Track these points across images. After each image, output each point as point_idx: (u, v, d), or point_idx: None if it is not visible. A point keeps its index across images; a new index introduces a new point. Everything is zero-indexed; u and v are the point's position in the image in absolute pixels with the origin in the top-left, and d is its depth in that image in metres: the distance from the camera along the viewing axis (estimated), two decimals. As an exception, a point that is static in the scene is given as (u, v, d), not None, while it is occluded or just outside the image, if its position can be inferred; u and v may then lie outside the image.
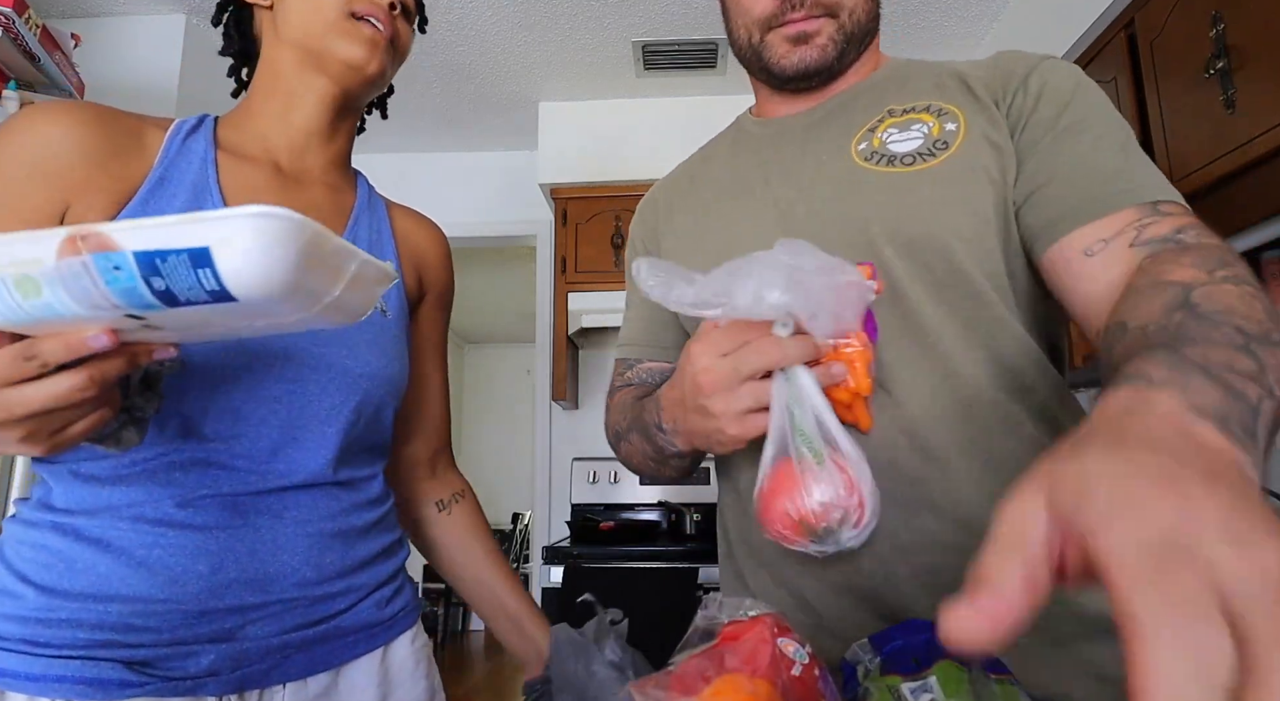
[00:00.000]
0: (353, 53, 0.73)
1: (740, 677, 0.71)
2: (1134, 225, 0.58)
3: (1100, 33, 1.86)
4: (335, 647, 0.70)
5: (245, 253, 0.37)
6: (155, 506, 0.62)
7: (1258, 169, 1.39)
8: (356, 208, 0.82)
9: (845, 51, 0.76)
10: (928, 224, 0.65)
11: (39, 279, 0.39)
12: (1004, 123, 0.66)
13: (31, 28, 1.59)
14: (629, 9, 2.31)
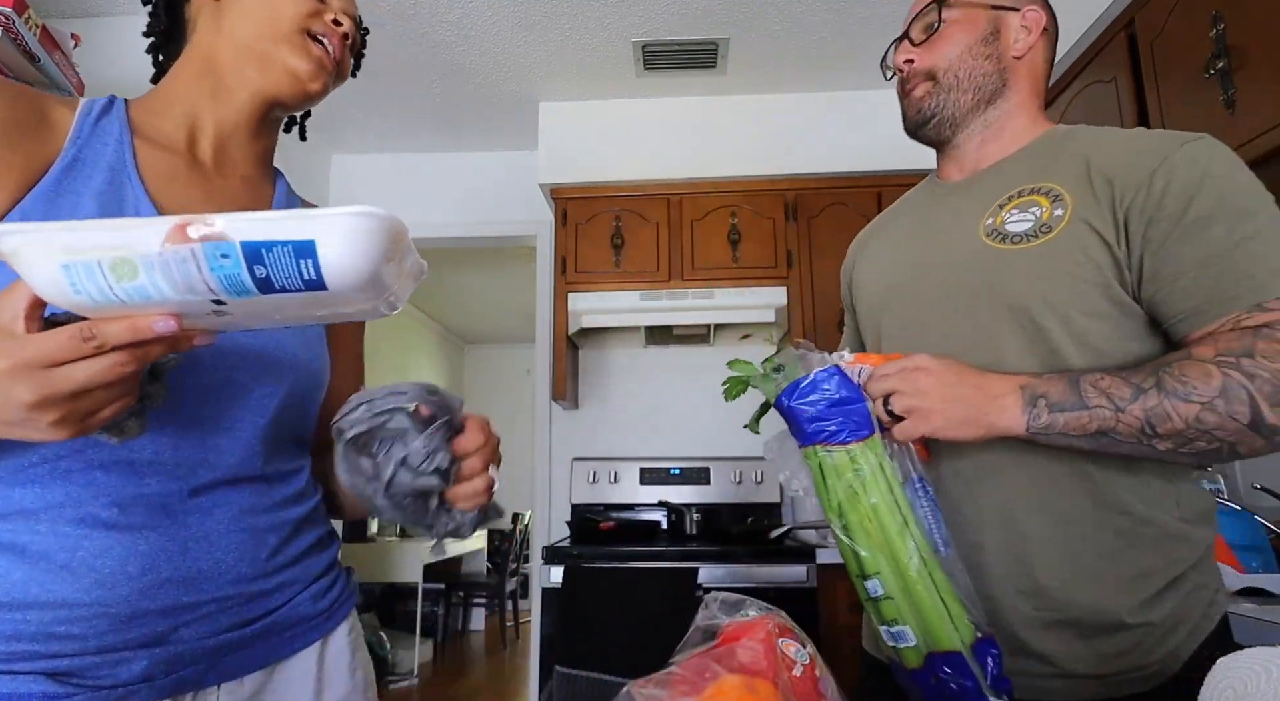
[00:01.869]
0: (302, 67, 0.73)
1: (741, 678, 0.71)
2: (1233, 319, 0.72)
3: (1100, 33, 1.86)
4: (272, 644, 0.68)
5: (344, 245, 0.42)
6: (78, 507, 0.59)
7: (1258, 169, 1.38)
8: (275, 204, 0.82)
9: (945, 106, 0.91)
10: (1023, 292, 0.81)
11: (138, 263, 0.41)
12: (1114, 215, 0.78)
13: (31, 28, 1.58)
14: (629, 9, 2.31)
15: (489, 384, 7.00)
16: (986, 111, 0.91)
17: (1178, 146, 0.77)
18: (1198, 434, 0.69)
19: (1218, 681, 0.71)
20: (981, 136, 0.92)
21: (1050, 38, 0.94)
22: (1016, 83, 0.91)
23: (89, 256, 0.41)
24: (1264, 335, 0.69)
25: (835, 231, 2.71)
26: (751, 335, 2.89)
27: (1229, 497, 1.69)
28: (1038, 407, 0.72)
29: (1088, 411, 0.71)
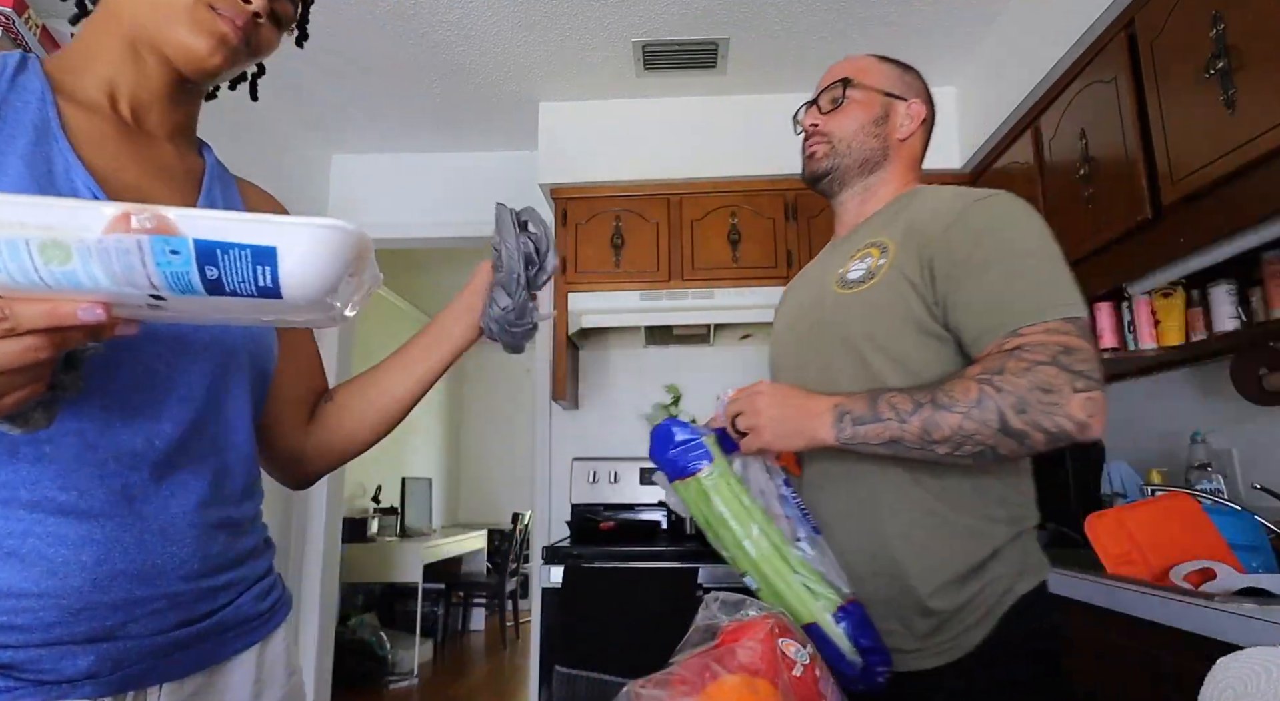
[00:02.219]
0: (194, 43, 0.68)
1: (741, 677, 0.71)
2: (1002, 339, 0.88)
3: (1100, 33, 1.86)
4: (215, 644, 0.67)
5: (306, 256, 0.40)
6: (31, 489, 0.56)
7: (1258, 169, 1.39)
8: (208, 175, 0.78)
9: (836, 168, 1.10)
10: (857, 326, 1.00)
11: (72, 247, 0.38)
12: (919, 262, 0.95)
13: (31, 27, 1.58)
14: (629, 9, 2.31)
15: (489, 384, 7.00)
16: (867, 178, 1.11)
17: (971, 203, 0.96)
18: (963, 439, 0.84)
19: (1218, 681, 0.71)
20: (860, 198, 1.12)
21: (928, 127, 1.14)
22: (895, 158, 1.11)
23: (15, 233, 0.38)
24: (1015, 355, 0.85)
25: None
26: (752, 335, 2.89)
27: (1229, 497, 1.69)
28: (844, 422, 0.89)
29: (881, 423, 0.87)
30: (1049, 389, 0.81)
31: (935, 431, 0.84)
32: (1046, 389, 0.81)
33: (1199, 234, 1.55)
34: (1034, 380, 0.82)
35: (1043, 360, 0.83)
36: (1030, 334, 0.85)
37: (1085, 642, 1.46)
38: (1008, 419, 0.82)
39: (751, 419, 0.93)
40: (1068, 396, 0.81)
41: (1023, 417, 0.82)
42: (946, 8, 2.32)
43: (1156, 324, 1.87)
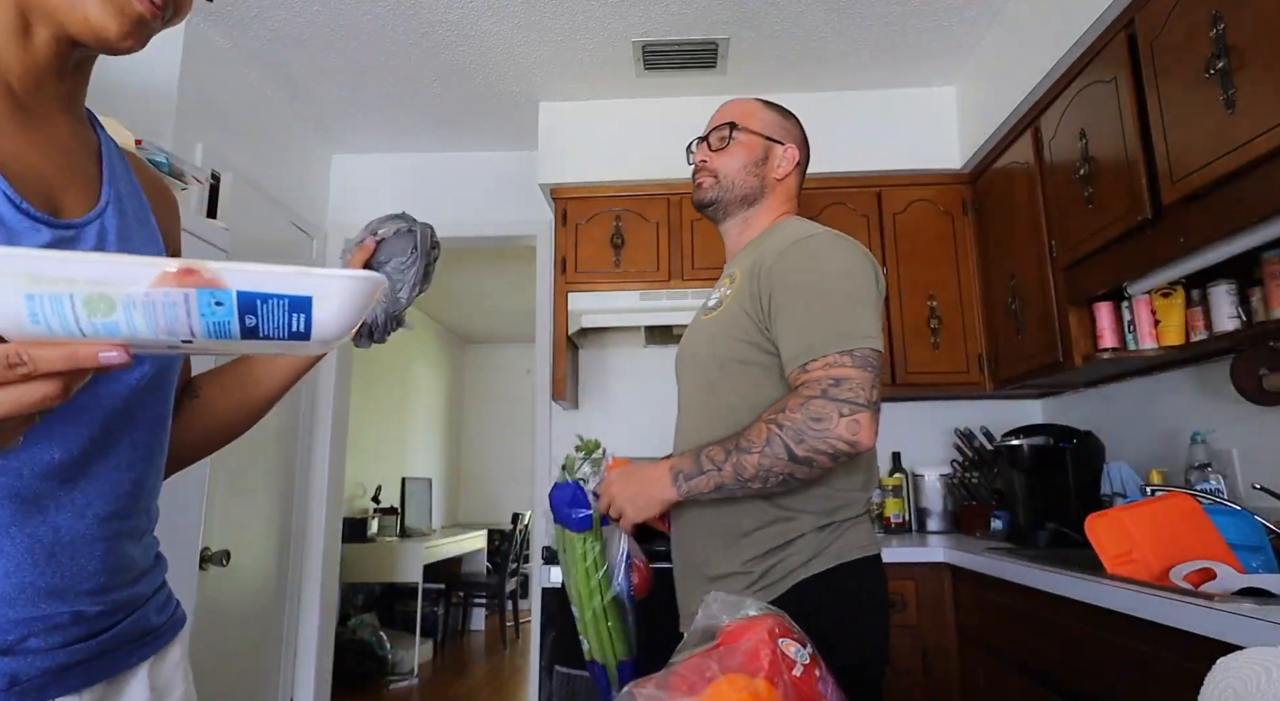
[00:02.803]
0: (106, 24, 0.61)
1: (741, 677, 0.71)
2: (796, 372, 1.07)
3: (1100, 33, 1.86)
4: (117, 657, 0.65)
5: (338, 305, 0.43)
6: None
7: (1258, 169, 1.39)
8: (105, 150, 0.73)
9: (720, 200, 1.27)
10: (707, 346, 1.20)
11: (117, 301, 0.39)
12: (753, 293, 1.13)
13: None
14: (629, 9, 2.31)
15: (489, 384, 7.00)
16: (747, 210, 1.27)
17: (791, 244, 1.12)
18: (766, 473, 1.02)
19: (1218, 681, 0.71)
20: (740, 228, 1.28)
21: (802, 168, 1.32)
22: (772, 194, 1.27)
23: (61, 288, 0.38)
24: (797, 393, 1.02)
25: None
26: (751, 335, 2.90)
27: (1229, 497, 1.69)
28: (679, 481, 1.08)
29: (704, 475, 1.06)
30: (819, 418, 0.99)
31: (743, 472, 1.03)
32: (817, 418, 0.99)
33: (1199, 234, 1.55)
34: (807, 413, 1.00)
35: (814, 394, 1.01)
36: (812, 369, 1.03)
37: (1085, 642, 1.46)
38: (792, 449, 1.00)
39: (615, 506, 1.14)
40: (835, 421, 0.99)
41: (803, 446, 0.99)
42: (946, 8, 2.32)
43: (1156, 324, 1.87)
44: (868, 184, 2.74)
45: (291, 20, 2.31)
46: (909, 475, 2.79)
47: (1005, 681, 1.80)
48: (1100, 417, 2.44)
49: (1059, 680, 1.56)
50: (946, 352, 2.60)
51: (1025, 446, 2.29)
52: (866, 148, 2.74)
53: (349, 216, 3.23)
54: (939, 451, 2.86)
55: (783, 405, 1.03)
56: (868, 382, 1.01)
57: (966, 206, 2.69)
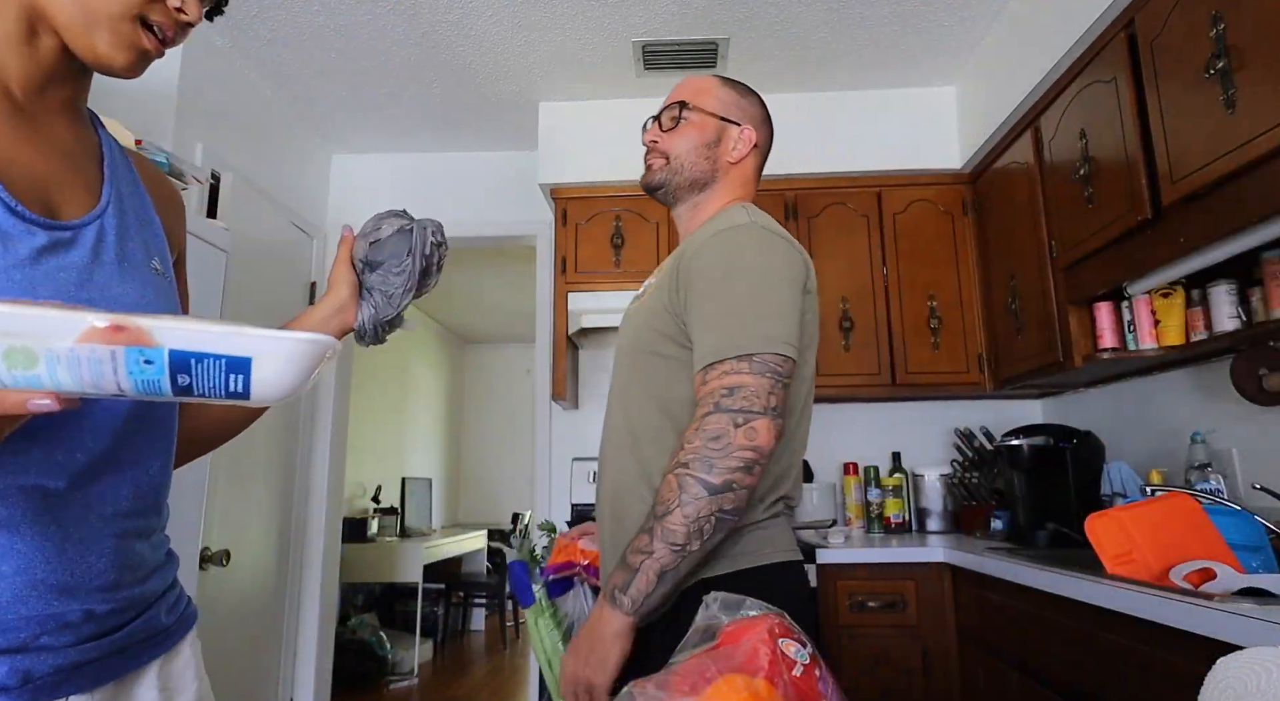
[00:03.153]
0: (115, 57, 0.65)
1: (741, 677, 0.71)
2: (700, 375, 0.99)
3: (1100, 33, 1.86)
4: (127, 656, 0.66)
5: (280, 367, 0.42)
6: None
7: (1258, 169, 1.39)
8: (106, 151, 0.73)
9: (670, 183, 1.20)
10: (631, 336, 1.14)
11: (39, 354, 0.38)
12: (672, 284, 1.06)
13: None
14: (629, 9, 2.31)
15: (489, 384, 7.00)
16: (697, 195, 1.20)
17: (712, 235, 1.05)
18: (698, 524, 0.91)
19: (1218, 681, 0.71)
20: (691, 213, 1.21)
21: (760, 151, 1.23)
22: (725, 180, 1.20)
23: None
24: (695, 419, 0.95)
25: (835, 231, 2.71)
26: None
27: (1229, 497, 1.69)
28: (619, 600, 0.93)
29: (641, 573, 0.92)
30: (717, 436, 0.92)
31: (675, 538, 0.90)
32: (716, 437, 0.92)
33: (1199, 234, 1.55)
34: (705, 436, 0.93)
35: (708, 410, 0.94)
36: (710, 378, 0.96)
37: (1085, 642, 1.46)
38: (708, 481, 0.91)
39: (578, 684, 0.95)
40: (732, 434, 0.92)
41: (714, 472, 0.91)
42: (946, 8, 2.32)
43: (1156, 324, 1.87)
44: (868, 184, 2.74)
45: (291, 20, 2.31)
46: (909, 475, 2.79)
47: (1005, 681, 1.80)
48: (1100, 417, 2.44)
49: (1059, 680, 1.56)
50: (946, 352, 2.60)
51: (1025, 446, 2.29)
52: (866, 148, 2.74)
53: (349, 216, 3.23)
54: (939, 451, 2.86)
55: (681, 442, 0.95)
56: (764, 389, 0.94)
57: (966, 206, 2.69)
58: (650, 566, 0.91)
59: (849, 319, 2.65)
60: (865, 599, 2.15)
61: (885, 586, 2.15)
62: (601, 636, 0.93)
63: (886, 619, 2.13)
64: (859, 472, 2.78)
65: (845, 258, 2.69)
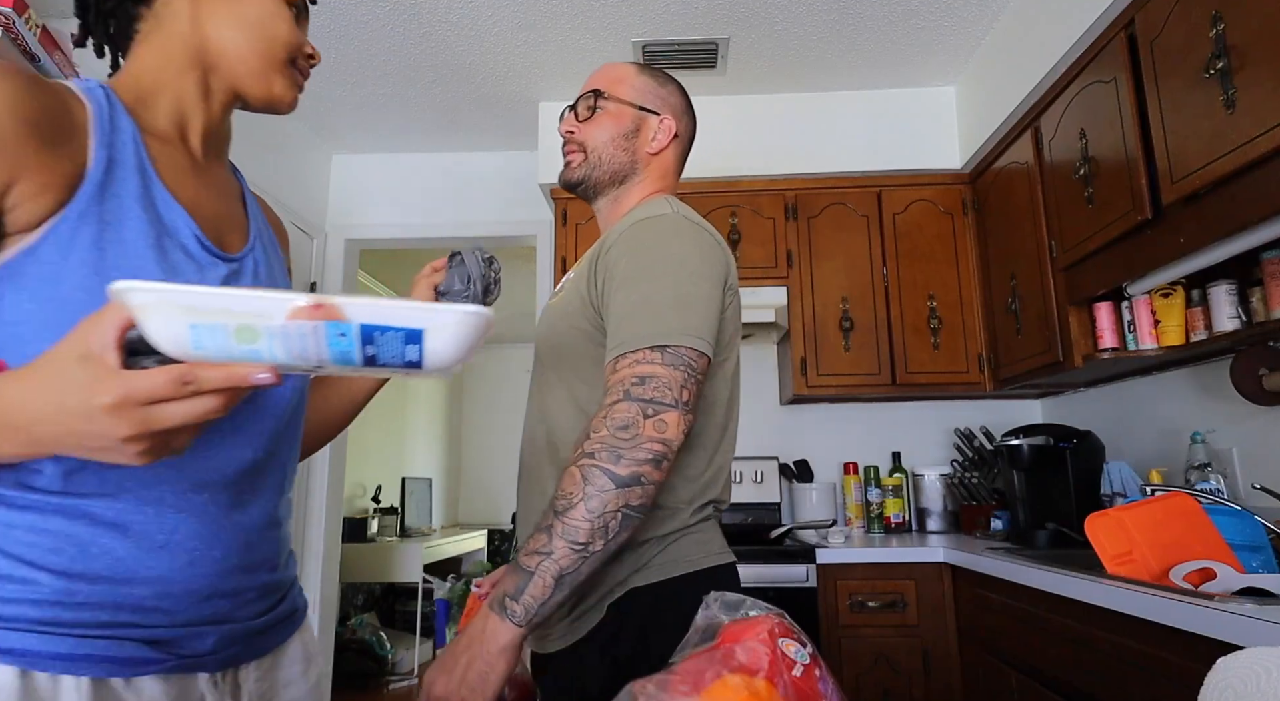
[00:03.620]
0: (287, 95, 0.80)
1: (741, 678, 0.71)
2: (611, 364, 0.93)
3: (1100, 33, 1.86)
4: (280, 629, 0.78)
5: (448, 338, 0.48)
6: (175, 490, 0.65)
7: (1258, 169, 1.39)
8: (245, 194, 0.84)
9: (589, 178, 1.14)
10: (547, 334, 1.09)
11: (260, 330, 0.46)
12: (589, 275, 1.02)
13: (31, 28, 1.58)
14: (629, 9, 2.31)
15: (489, 384, 6.99)
16: (617, 189, 1.15)
17: (631, 224, 1.01)
18: (603, 520, 0.83)
19: (1218, 681, 0.71)
20: (611, 207, 1.16)
21: (682, 142, 1.19)
22: (645, 172, 1.15)
23: (217, 319, 0.46)
24: (602, 408, 0.88)
25: (835, 231, 2.71)
26: (752, 335, 2.89)
27: (1229, 497, 1.69)
28: (509, 609, 0.82)
29: (535, 575, 0.82)
30: (625, 425, 0.86)
31: (577, 536, 0.82)
32: (624, 426, 0.85)
33: (1199, 234, 1.55)
34: (612, 424, 0.86)
35: (617, 398, 0.88)
36: (621, 367, 0.91)
37: (1085, 642, 1.46)
38: (614, 471, 0.83)
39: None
40: (641, 424, 0.86)
41: (623, 462, 0.84)
42: (946, 8, 2.32)
43: (1156, 324, 1.87)
44: (868, 184, 2.74)
45: (291, 20, 2.31)
46: (909, 475, 2.79)
47: (1005, 681, 1.80)
48: (1100, 417, 2.44)
49: (1059, 680, 1.56)
50: (946, 352, 2.60)
51: (1025, 446, 2.29)
52: (866, 148, 2.74)
53: (349, 217, 3.23)
54: (939, 451, 2.86)
55: (586, 431, 0.88)
56: (677, 382, 0.88)
57: (966, 206, 2.69)
58: (548, 569, 0.82)
59: (849, 319, 2.65)
60: (865, 599, 2.15)
61: (885, 586, 2.15)
62: (484, 650, 0.82)
63: (886, 619, 2.13)
64: (859, 472, 2.78)
65: (845, 258, 2.69)
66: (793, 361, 2.64)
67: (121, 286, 0.45)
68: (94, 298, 0.58)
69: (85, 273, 0.60)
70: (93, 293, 0.59)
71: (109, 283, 0.48)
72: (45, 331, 0.57)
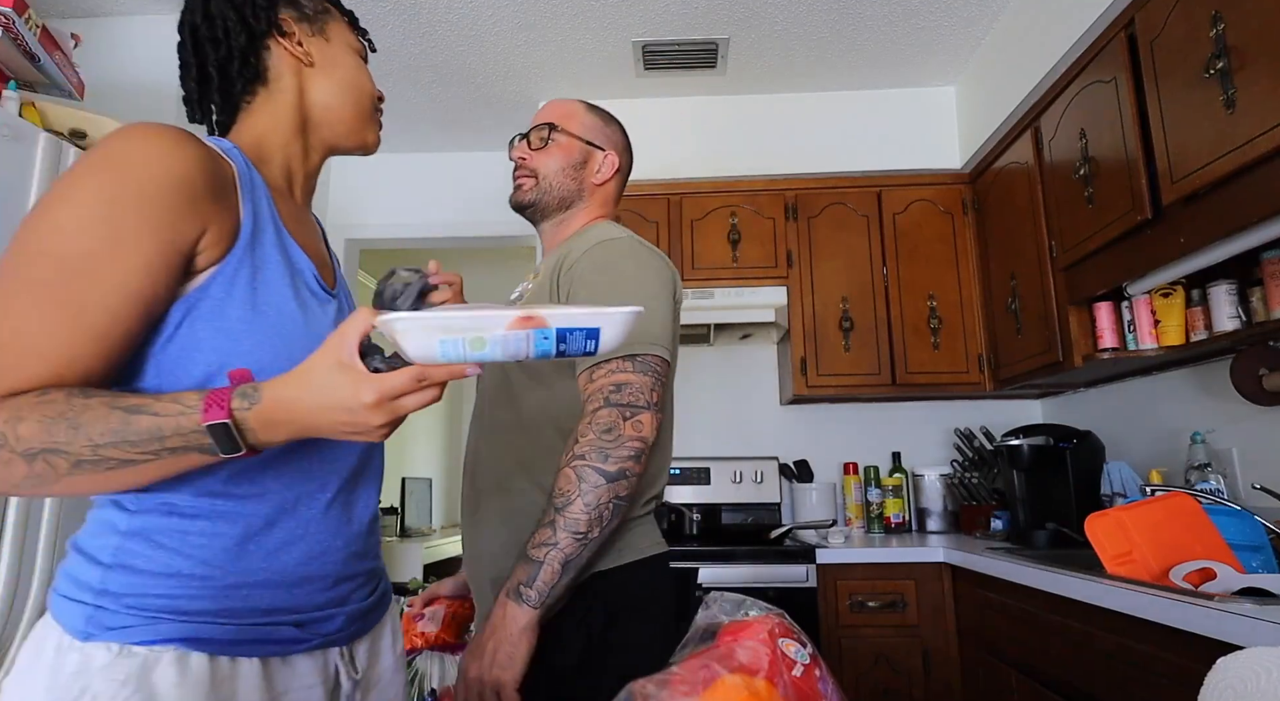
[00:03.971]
0: (374, 140, 0.94)
1: (741, 678, 0.71)
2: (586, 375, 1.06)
3: (1100, 33, 1.86)
4: (379, 609, 0.88)
5: (616, 331, 0.64)
6: (306, 491, 0.77)
7: (1258, 169, 1.39)
8: (323, 230, 0.97)
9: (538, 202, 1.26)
10: None
11: (487, 339, 0.60)
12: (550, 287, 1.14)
13: (31, 28, 1.58)
14: (629, 9, 2.31)
15: (489, 384, 6.99)
16: (564, 213, 1.27)
17: (593, 245, 1.13)
18: (598, 511, 0.97)
19: (1218, 681, 0.71)
20: (556, 229, 1.28)
21: (622, 175, 1.32)
22: (590, 199, 1.28)
23: (459, 335, 0.60)
24: (585, 415, 1.02)
25: (835, 231, 2.71)
26: (752, 335, 2.89)
27: (1229, 497, 1.69)
28: (523, 594, 0.96)
29: (545, 565, 0.96)
30: (609, 428, 1.00)
31: (578, 527, 0.97)
32: (608, 428, 1.00)
33: (1199, 234, 1.55)
34: (598, 428, 1.00)
35: (599, 405, 1.01)
36: (598, 376, 1.04)
37: (1085, 642, 1.46)
38: (604, 468, 0.98)
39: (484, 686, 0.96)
40: (622, 426, 1.00)
41: (611, 460, 0.98)
42: (946, 8, 2.32)
43: (1156, 324, 1.87)
44: (868, 184, 2.74)
45: (291, 20, 2.31)
46: (909, 475, 2.79)
47: (1005, 681, 1.80)
48: (1100, 417, 2.44)
49: (1059, 680, 1.56)
50: (946, 353, 2.60)
51: (1025, 446, 2.29)
52: (866, 148, 2.74)
53: (349, 217, 3.23)
54: (939, 451, 2.86)
55: (574, 437, 1.01)
56: (648, 386, 1.03)
57: (966, 206, 2.69)
58: (555, 557, 0.96)
59: (849, 319, 2.65)
60: (865, 599, 2.15)
61: (885, 586, 2.15)
62: (508, 633, 0.95)
63: (886, 619, 2.13)
64: (859, 472, 2.78)
65: (845, 258, 2.69)
66: (793, 361, 2.64)
67: (386, 319, 0.60)
68: (250, 327, 0.72)
69: (244, 307, 0.73)
70: (248, 323, 0.72)
71: (261, 315, 0.72)
72: (213, 356, 0.70)
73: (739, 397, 2.98)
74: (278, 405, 0.62)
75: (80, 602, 0.67)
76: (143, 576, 0.68)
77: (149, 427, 0.61)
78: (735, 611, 0.81)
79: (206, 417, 0.61)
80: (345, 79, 0.89)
